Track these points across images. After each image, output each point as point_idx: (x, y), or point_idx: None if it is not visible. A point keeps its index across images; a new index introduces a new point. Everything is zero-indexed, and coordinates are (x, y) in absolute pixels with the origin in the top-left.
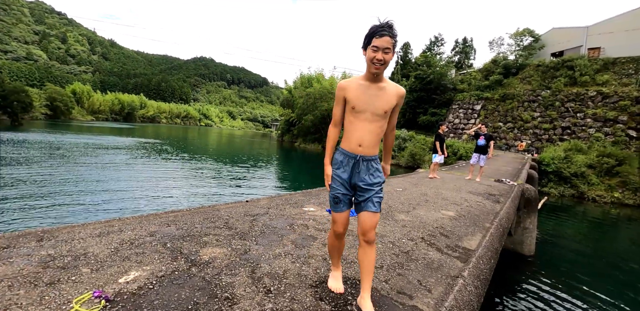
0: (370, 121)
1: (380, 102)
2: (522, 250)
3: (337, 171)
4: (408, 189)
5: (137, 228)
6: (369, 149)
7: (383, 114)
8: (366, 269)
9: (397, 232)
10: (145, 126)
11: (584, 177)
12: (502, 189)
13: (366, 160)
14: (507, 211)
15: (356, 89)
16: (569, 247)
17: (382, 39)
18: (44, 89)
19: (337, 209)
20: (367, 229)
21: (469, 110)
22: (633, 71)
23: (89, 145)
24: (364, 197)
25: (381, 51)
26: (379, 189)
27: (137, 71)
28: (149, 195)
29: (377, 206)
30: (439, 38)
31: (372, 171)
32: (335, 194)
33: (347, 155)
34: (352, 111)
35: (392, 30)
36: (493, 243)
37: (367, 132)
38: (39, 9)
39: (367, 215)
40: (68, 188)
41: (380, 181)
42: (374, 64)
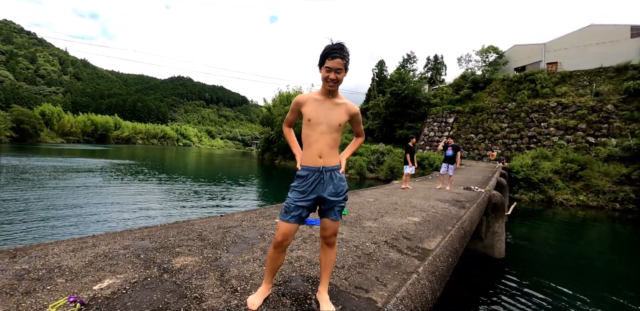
0: (326, 133)
1: (334, 116)
2: (492, 254)
3: (301, 185)
4: (379, 199)
5: (111, 243)
6: (330, 159)
7: (337, 127)
8: (325, 267)
9: (363, 237)
10: (119, 148)
11: (551, 182)
12: (469, 196)
13: (329, 170)
14: (471, 215)
15: (312, 103)
16: (539, 249)
17: (334, 61)
18: (9, 111)
19: (285, 218)
20: (328, 235)
21: (442, 123)
22: (587, 82)
23: (58, 168)
24: (328, 206)
25: (334, 71)
26: (342, 198)
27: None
28: (122, 216)
29: (338, 214)
30: (412, 56)
31: (335, 181)
32: (289, 204)
33: (310, 169)
34: (308, 124)
35: (343, 51)
36: (452, 243)
37: (325, 144)
38: (6, 28)
39: (329, 222)
40: (35, 213)
41: (344, 190)
42: (327, 82)
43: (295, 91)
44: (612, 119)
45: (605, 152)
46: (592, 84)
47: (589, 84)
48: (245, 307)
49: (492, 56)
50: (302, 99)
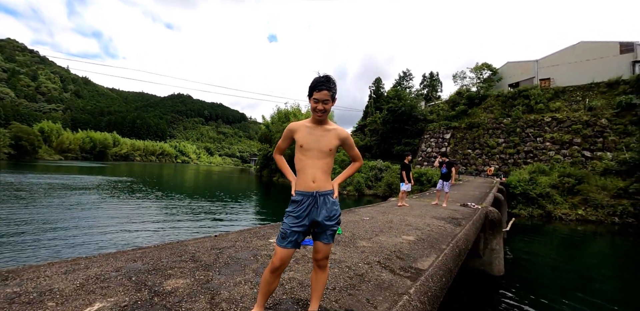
0: (318, 157)
1: (325, 142)
2: (492, 271)
3: (295, 210)
4: (375, 217)
5: (104, 264)
6: (323, 183)
7: (329, 152)
8: (316, 289)
9: (356, 257)
10: (117, 165)
11: (549, 197)
12: (465, 212)
13: (322, 195)
14: (466, 233)
15: (304, 130)
16: (540, 265)
17: (321, 93)
18: (9, 128)
19: (282, 244)
20: (320, 258)
21: (439, 139)
22: (580, 97)
23: (54, 185)
24: (321, 229)
25: (321, 102)
26: (335, 222)
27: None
28: (117, 236)
29: (330, 238)
30: (408, 73)
31: (329, 205)
32: (285, 229)
33: (304, 194)
34: (300, 149)
35: (329, 84)
36: (446, 262)
37: (317, 169)
38: (9, 47)
39: (322, 246)
40: (29, 232)
41: (337, 214)
42: (316, 112)
43: (293, 109)
44: (607, 133)
45: (602, 166)
46: (585, 99)
47: (582, 99)
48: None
49: (486, 73)
50: (294, 127)
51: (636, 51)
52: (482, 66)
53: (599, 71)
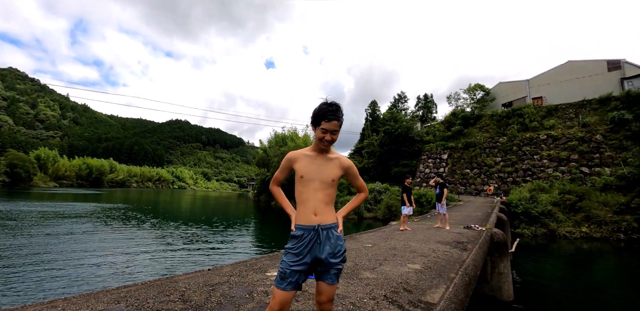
0: (319, 189)
1: (327, 172)
2: (501, 296)
3: (295, 246)
4: (377, 244)
5: (83, 307)
6: (325, 216)
7: (331, 182)
8: None
9: (360, 291)
10: (113, 191)
11: (551, 215)
12: (470, 235)
13: (325, 228)
14: (474, 259)
15: (304, 159)
16: (549, 287)
17: (330, 123)
18: (4, 155)
19: (281, 286)
20: (324, 301)
21: (437, 159)
22: (573, 114)
23: (46, 214)
24: (324, 268)
25: (329, 133)
26: (340, 260)
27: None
28: (104, 270)
29: (335, 278)
30: (402, 95)
31: (333, 240)
32: (284, 269)
33: (305, 228)
34: (301, 180)
35: (338, 113)
36: (457, 293)
37: (319, 201)
38: (11, 75)
39: (325, 287)
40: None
41: (342, 250)
42: (322, 142)
43: (290, 132)
44: (603, 149)
45: (602, 182)
46: (578, 115)
47: (576, 116)
48: None
49: (480, 94)
50: (293, 156)
51: (623, 69)
52: (475, 87)
53: (589, 89)
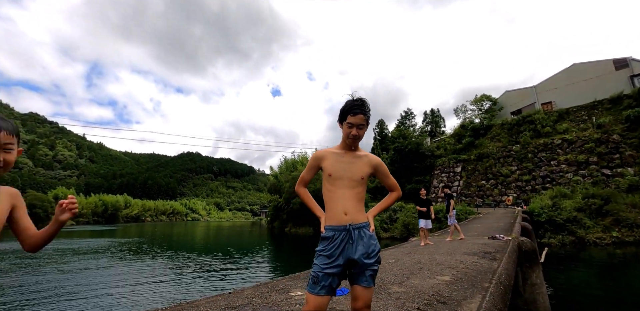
0: (349, 187)
1: (356, 169)
2: (537, 309)
3: (327, 248)
4: (401, 259)
5: None
6: (356, 216)
7: (360, 181)
8: None
9: (391, 306)
10: (128, 226)
11: (577, 221)
12: (497, 245)
13: (357, 228)
14: (506, 267)
15: (331, 157)
16: (586, 298)
17: (356, 117)
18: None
19: (314, 291)
20: (360, 306)
21: (450, 173)
22: (586, 116)
23: (64, 251)
24: (359, 269)
25: (356, 127)
26: (374, 260)
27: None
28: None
29: (371, 279)
30: (409, 112)
31: (365, 239)
32: (316, 273)
33: (335, 229)
34: (329, 179)
35: (364, 107)
36: (495, 303)
37: (349, 199)
38: (31, 120)
39: (361, 290)
40: (34, 299)
41: (376, 250)
42: (349, 138)
43: (300, 157)
44: (622, 148)
45: (626, 183)
46: (591, 117)
47: (589, 118)
48: None
49: (487, 104)
50: (321, 154)
51: (631, 66)
52: (482, 98)
53: (599, 89)
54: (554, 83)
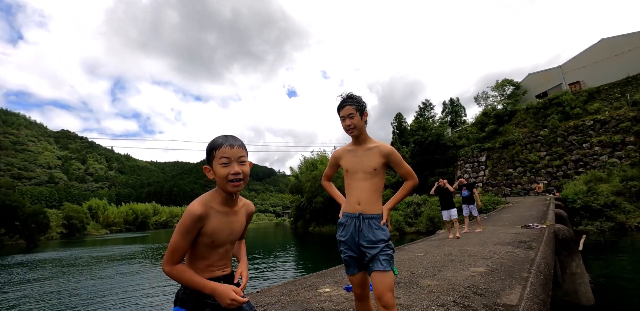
0: (363, 179)
1: (367, 162)
2: (579, 300)
3: (342, 234)
4: (430, 252)
5: None
6: (368, 206)
7: (373, 172)
8: None
9: (425, 299)
10: (157, 233)
11: (617, 206)
12: (531, 234)
13: (367, 218)
14: (544, 256)
15: (346, 154)
16: (632, 288)
17: (344, 109)
18: (61, 209)
19: (348, 272)
20: (381, 292)
21: (474, 163)
22: (619, 94)
23: (100, 258)
24: (369, 256)
25: (347, 118)
26: (383, 245)
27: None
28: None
29: (386, 263)
30: (428, 103)
31: (374, 229)
32: (343, 257)
33: (348, 216)
34: (347, 174)
35: (351, 99)
36: (537, 293)
37: (363, 190)
38: (63, 137)
39: (377, 276)
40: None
41: (384, 238)
42: (347, 130)
43: (320, 156)
44: None
45: None
46: (625, 94)
47: (622, 96)
48: None
49: (509, 89)
50: (338, 153)
51: None
52: (504, 83)
53: (631, 64)
54: (581, 61)
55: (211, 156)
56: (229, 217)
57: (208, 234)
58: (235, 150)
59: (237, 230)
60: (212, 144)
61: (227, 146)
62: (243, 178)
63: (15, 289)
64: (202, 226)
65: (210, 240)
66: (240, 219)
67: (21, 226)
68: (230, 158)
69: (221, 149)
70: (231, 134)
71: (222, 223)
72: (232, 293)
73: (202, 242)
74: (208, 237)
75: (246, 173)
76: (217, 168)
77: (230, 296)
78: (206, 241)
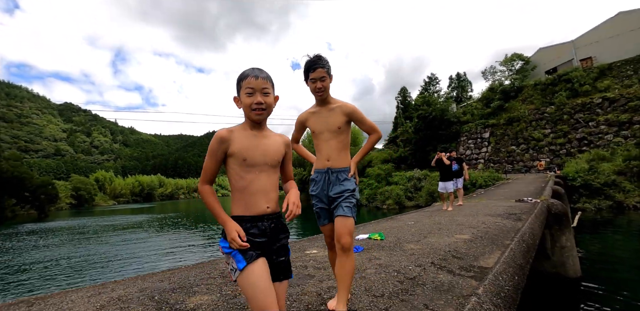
0: (330, 138)
1: (332, 121)
2: (566, 272)
3: (313, 189)
4: (420, 221)
5: (130, 286)
6: (337, 162)
7: (338, 130)
8: (342, 278)
9: (404, 261)
10: (164, 204)
11: (617, 185)
12: (524, 207)
13: (335, 171)
14: (531, 227)
15: (311, 117)
16: (622, 263)
17: (316, 72)
18: (69, 180)
19: (320, 223)
20: (340, 234)
21: (478, 139)
22: (632, 71)
23: (108, 227)
24: (335, 204)
25: (319, 81)
26: (348, 195)
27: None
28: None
29: (347, 210)
30: (433, 77)
31: (341, 181)
32: (315, 210)
33: (319, 172)
34: (314, 135)
35: (321, 61)
36: (515, 258)
37: (331, 148)
38: (67, 109)
39: (339, 220)
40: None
41: (349, 189)
42: (317, 92)
43: None
44: None
45: None
46: (637, 72)
47: (635, 73)
48: None
49: (518, 64)
50: (303, 117)
51: None
52: (513, 57)
53: None
54: (595, 36)
55: (239, 87)
56: (258, 139)
57: (237, 152)
58: (259, 81)
59: (271, 152)
60: (240, 76)
61: (252, 77)
62: (266, 108)
63: (28, 254)
64: (228, 147)
65: (242, 158)
66: (273, 143)
67: (31, 196)
68: (254, 88)
69: (247, 80)
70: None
71: (250, 143)
72: (235, 233)
73: (236, 163)
74: (238, 155)
75: (269, 103)
76: (243, 98)
77: (231, 235)
78: (238, 160)
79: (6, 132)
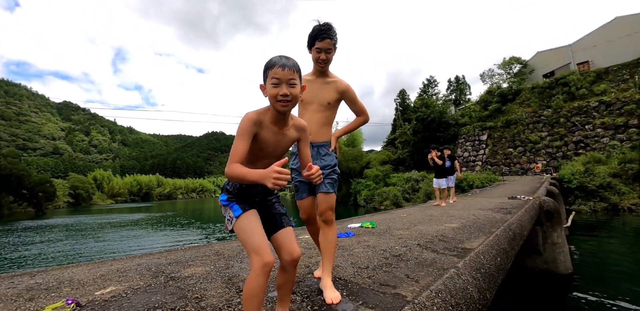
0: (316, 111)
1: (324, 95)
2: (556, 269)
3: (293, 162)
4: (413, 214)
5: (128, 262)
6: (317, 136)
7: (327, 105)
8: (326, 249)
9: (392, 243)
10: (161, 203)
11: (612, 187)
12: (516, 203)
13: (316, 146)
14: (519, 219)
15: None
16: (614, 262)
17: (324, 42)
18: (67, 179)
19: (297, 197)
20: (323, 210)
21: (475, 142)
22: (628, 75)
23: (105, 224)
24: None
25: (324, 52)
26: (330, 171)
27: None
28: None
29: (329, 186)
30: (432, 80)
31: (322, 156)
32: (294, 183)
33: None
34: (301, 104)
35: (331, 32)
36: (499, 243)
37: (315, 121)
38: (66, 108)
39: (321, 196)
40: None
41: (330, 164)
42: (319, 63)
43: None
44: None
45: None
46: (633, 76)
47: (631, 77)
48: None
49: (516, 67)
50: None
51: None
52: (511, 60)
53: None
54: (592, 40)
55: (265, 75)
56: (276, 135)
57: (259, 141)
58: (286, 72)
59: (281, 147)
60: (267, 64)
61: (279, 66)
62: (291, 100)
63: (24, 249)
64: (257, 131)
65: (259, 148)
66: (288, 141)
67: (29, 194)
68: (280, 79)
69: (273, 70)
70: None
71: (272, 139)
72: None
73: (254, 149)
74: (259, 144)
75: (295, 94)
76: (269, 88)
77: (272, 175)
78: (257, 147)
79: (4, 130)
